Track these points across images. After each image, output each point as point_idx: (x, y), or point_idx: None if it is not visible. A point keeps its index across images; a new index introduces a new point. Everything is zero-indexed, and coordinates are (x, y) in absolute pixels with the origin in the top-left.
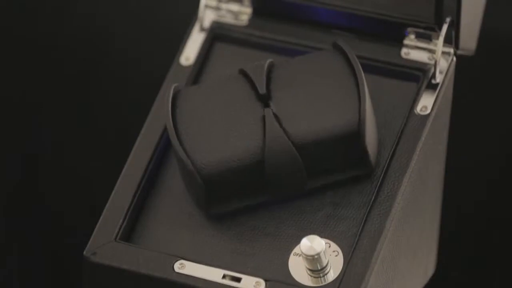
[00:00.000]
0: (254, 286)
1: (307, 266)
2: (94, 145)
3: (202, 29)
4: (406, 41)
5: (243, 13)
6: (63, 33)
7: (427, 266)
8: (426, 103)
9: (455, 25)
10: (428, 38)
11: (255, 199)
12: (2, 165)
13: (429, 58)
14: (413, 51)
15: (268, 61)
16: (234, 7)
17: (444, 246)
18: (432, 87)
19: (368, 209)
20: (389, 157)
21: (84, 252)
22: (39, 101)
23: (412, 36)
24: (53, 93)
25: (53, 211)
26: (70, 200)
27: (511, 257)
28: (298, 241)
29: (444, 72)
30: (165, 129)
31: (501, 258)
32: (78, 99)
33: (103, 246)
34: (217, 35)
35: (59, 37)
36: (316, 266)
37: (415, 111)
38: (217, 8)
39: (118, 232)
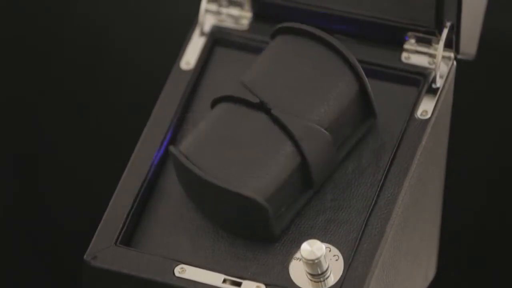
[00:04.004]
0: None
1: (308, 271)
2: (94, 145)
3: (202, 33)
4: (406, 46)
5: (244, 18)
6: (63, 34)
7: (428, 270)
8: (426, 107)
9: (455, 30)
10: (428, 43)
11: (303, 200)
12: (2, 165)
13: (429, 63)
14: (414, 55)
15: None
16: (235, 11)
17: (444, 249)
18: (432, 91)
19: (368, 213)
20: (390, 161)
21: (85, 256)
22: (38, 101)
23: (413, 41)
24: (53, 93)
25: (53, 211)
26: (70, 200)
27: (511, 260)
28: (298, 246)
29: (445, 77)
30: (165, 133)
31: (501, 261)
32: (78, 99)
33: (104, 250)
34: (218, 39)
35: (59, 38)
36: (316, 271)
37: (416, 115)
38: (218, 13)
39: (119, 236)
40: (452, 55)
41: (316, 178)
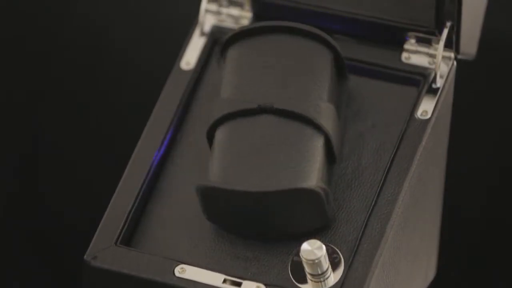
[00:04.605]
0: None
1: (308, 271)
2: (94, 146)
3: (202, 33)
4: (406, 46)
5: (244, 18)
6: (63, 34)
7: (428, 270)
8: (426, 107)
9: (455, 30)
10: (429, 43)
11: (333, 177)
12: (2, 165)
13: (429, 63)
14: (414, 55)
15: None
16: (235, 11)
17: (444, 249)
18: (432, 91)
19: (368, 214)
20: (390, 161)
21: (85, 256)
22: (38, 101)
23: (413, 41)
24: (53, 94)
25: (53, 211)
26: (70, 200)
27: (511, 260)
28: (298, 246)
29: (445, 77)
30: (165, 133)
31: (502, 262)
32: (78, 99)
33: (104, 250)
34: (218, 39)
35: (59, 38)
36: (316, 271)
37: (416, 115)
38: (218, 13)
39: (119, 236)
40: (452, 55)
41: (337, 151)
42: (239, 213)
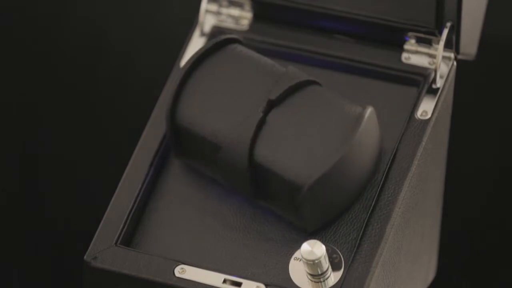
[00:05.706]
0: None
1: (308, 271)
2: (94, 146)
3: (202, 33)
4: (406, 46)
5: (244, 18)
6: (63, 36)
7: (428, 271)
8: (426, 107)
9: (455, 30)
10: (429, 43)
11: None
12: (2, 165)
13: (429, 63)
14: (414, 55)
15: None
16: (235, 11)
17: (444, 250)
18: (432, 91)
19: (368, 214)
20: (390, 161)
21: (85, 257)
22: (39, 102)
23: (413, 41)
24: (53, 94)
25: (53, 211)
26: (70, 200)
27: (511, 260)
28: (298, 246)
29: (445, 77)
30: (165, 134)
31: (502, 262)
32: (79, 99)
33: (104, 250)
34: None
35: (59, 40)
36: (316, 271)
37: (416, 115)
38: (218, 13)
39: (119, 237)
40: (452, 55)
41: None
42: (338, 191)
